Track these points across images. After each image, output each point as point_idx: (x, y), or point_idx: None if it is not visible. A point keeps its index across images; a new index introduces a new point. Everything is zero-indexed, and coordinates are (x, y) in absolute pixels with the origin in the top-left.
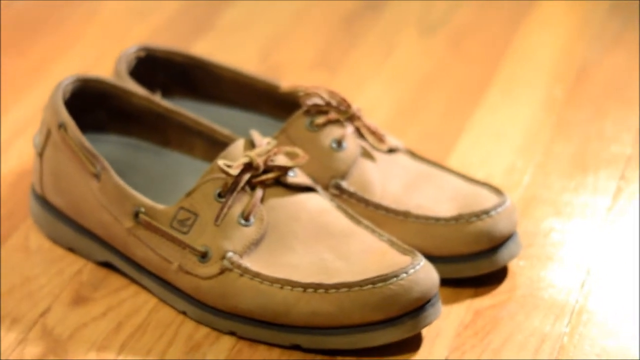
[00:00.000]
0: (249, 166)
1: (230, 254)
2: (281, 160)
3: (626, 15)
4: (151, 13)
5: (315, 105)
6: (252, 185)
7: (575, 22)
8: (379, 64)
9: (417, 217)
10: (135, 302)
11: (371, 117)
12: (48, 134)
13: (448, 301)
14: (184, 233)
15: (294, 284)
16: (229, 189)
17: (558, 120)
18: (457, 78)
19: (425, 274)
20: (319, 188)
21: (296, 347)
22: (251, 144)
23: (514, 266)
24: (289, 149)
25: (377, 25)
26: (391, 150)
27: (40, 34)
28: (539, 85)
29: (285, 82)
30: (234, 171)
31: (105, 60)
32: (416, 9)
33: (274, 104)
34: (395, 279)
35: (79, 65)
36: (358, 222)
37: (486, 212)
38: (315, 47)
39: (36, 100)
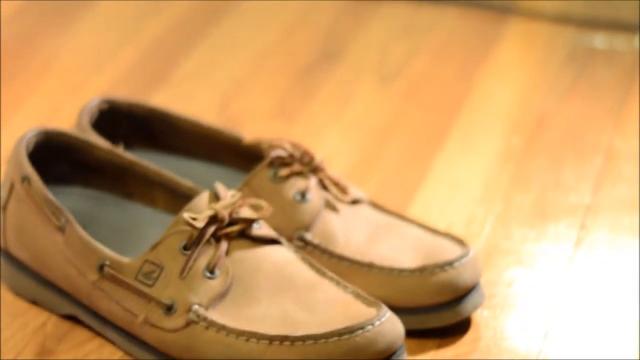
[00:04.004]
0: (214, 219)
1: (195, 307)
2: (246, 212)
3: (581, 64)
4: (107, 65)
5: (279, 157)
6: (217, 238)
7: (531, 72)
8: (337, 113)
9: (381, 269)
10: (100, 355)
11: (330, 167)
12: (11, 188)
13: (413, 352)
14: (149, 286)
15: (259, 337)
16: (194, 242)
17: (516, 170)
18: (415, 127)
19: (390, 326)
20: (283, 240)
21: None
22: (215, 197)
23: (477, 316)
24: (253, 201)
25: (334, 75)
26: (354, 202)
27: None
28: (496, 134)
29: (244, 132)
30: (199, 224)
31: (62, 113)
32: (373, 59)
33: (236, 155)
34: (360, 330)
35: (36, 117)
36: (323, 274)
37: (450, 264)
38: (273, 98)
39: None
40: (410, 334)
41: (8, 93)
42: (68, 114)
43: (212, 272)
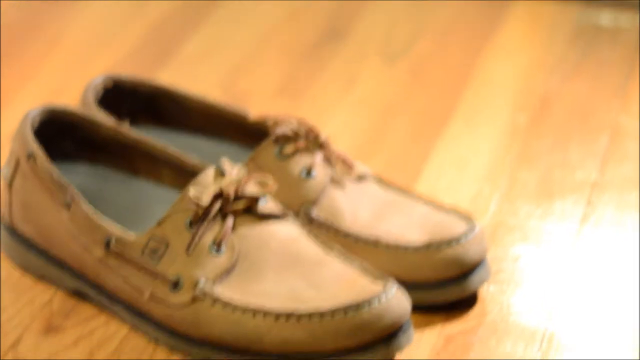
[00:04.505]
0: (219, 195)
1: (202, 283)
2: (252, 188)
3: (586, 42)
4: (113, 43)
5: (284, 134)
6: (223, 214)
7: (536, 51)
8: (342, 92)
9: (388, 245)
10: (107, 331)
11: (335, 145)
12: (17, 165)
13: (420, 327)
14: (155, 262)
15: (266, 312)
16: (199, 218)
17: (522, 148)
18: (420, 106)
19: (397, 301)
20: (289, 216)
21: None
22: (221, 173)
23: (484, 292)
24: (259, 177)
25: (340, 54)
26: (360, 178)
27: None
28: (501, 112)
29: (250, 111)
30: (205, 201)
31: (68, 90)
32: (378, 38)
33: (242, 132)
34: (367, 306)
35: (41, 95)
36: (329, 250)
37: (456, 239)
38: (278, 76)
39: (1, 130)
40: (417, 309)
41: (14, 71)
42: (73, 92)
43: (218, 248)
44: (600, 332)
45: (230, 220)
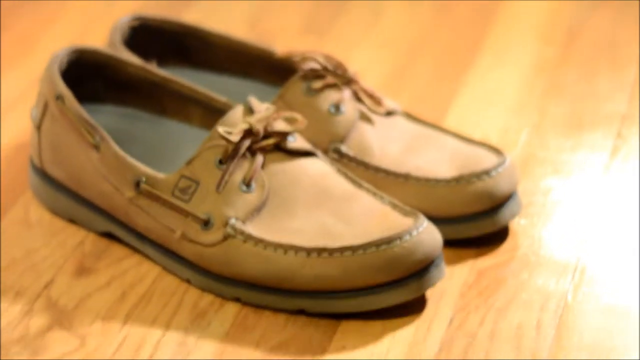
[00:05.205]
0: (248, 132)
1: (232, 221)
2: (280, 125)
3: None
4: None
5: (312, 70)
6: (252, 152)
7: None
8: (368, 29)
9: (418, 179)
10: (139, 272)
11: (364, 81)
12: (45, 107)
13: (451, 262)
14: (186, 201)
15: (297, 249)
16: (229, 156)
17: (550, 81)
18: (447, 42)
19: (428, 236)
20: (318, 152)
21: (301, 312)
22: (249, 110)
23: (515, 225)
24: (288, 114)
25: None
26: (389, 113)
27: (24, 8)
28: (529, 46)
29: (276, 48)
30: (235, 138)
31: (93, 32)
32: None
33: (269, 69)
34: (398, 241)
35: (67, 37)
36: (359, 186)
37: (486, 172)
38: (303, 14)
39: (27, 73)
40: (448, 243)
41: (39, 13)
42: (100, 33)
43: (248, 185)
44: (631, 263)
45: (259, 158)
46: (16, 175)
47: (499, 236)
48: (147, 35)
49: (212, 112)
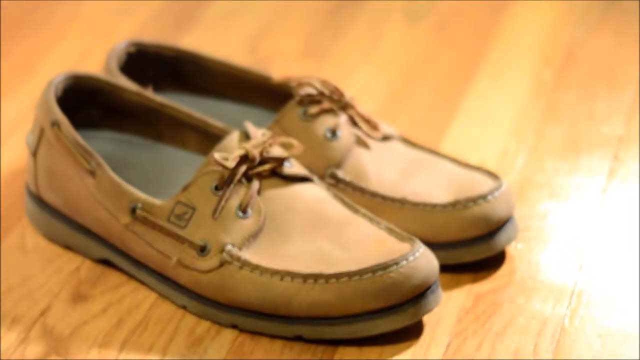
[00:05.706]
0: (245, 158)
1: (229, 247)
2: (277, 151)
3: None
4: (135, 9)
5: (309, 95)
6: (248, 177)
7: (560, 5)
8: (367, 52)
9: (414, 204)
10: (135, 298)
11: (361, 106)
12: (41, 133)
13: (448, 287)
14: (182, 227)
15: (294, 275)
16: (225, 182)
17: (548, 103)
18: (445, 64)
19: (425, 261)
20: (315, 178)
21: (298, 338)
22: (246, 136)
23: (512, 250)
24: (284, 139)
25: (363, 14)
26: (385, 138)
27: (23, 34)
28: (526, 68)
29: (274, 73)
30: (231, 164)
31: (91, 58)
32: None
33: (266, 95)
34: (395, 266)
35: (65, 63)
36: (355, 211)
37: (483, 197)
38: (302, 37)
39: (24, 100)
40: (445, 268)
41: (37, 39)
42: (96, 58)
43: (244, 211)
44: (629, 287)
45: (256, 184)
46: (14, 201)
47: (495, 261)
48: (143, 61)
49: (209, 138)
